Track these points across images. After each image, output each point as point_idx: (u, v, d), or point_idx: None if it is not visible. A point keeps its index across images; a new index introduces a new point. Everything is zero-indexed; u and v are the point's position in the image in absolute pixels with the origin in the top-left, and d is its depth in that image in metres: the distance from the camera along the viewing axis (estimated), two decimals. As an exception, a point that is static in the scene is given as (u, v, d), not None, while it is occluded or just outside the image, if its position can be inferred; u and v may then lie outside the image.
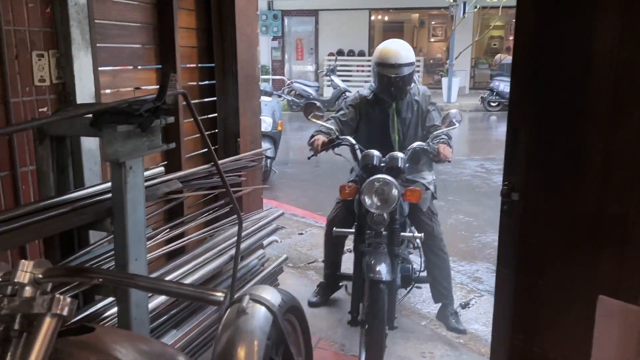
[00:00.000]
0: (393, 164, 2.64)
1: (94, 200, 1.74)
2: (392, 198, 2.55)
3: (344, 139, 2.80)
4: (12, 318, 0.87)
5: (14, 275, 0.89)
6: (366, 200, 2.57)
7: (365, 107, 3.10)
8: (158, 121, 1.71)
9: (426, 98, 3.14)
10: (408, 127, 3.09)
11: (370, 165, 2.65)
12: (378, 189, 2.56)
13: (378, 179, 2.55)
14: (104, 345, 1.01)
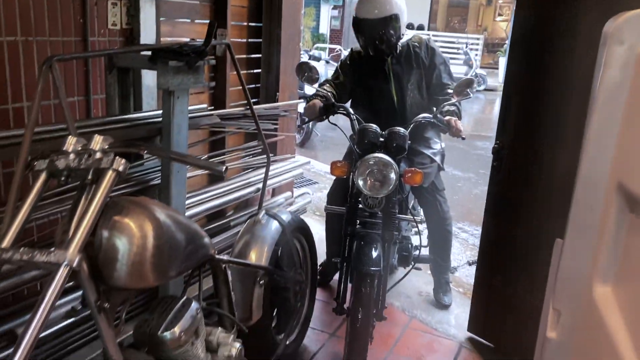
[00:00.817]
0: (392, 141, 2.30)
1: (148, 121, 2.18)
2: (388, 181, 2.23)
3: (339, 107, 2.49)
4: (86, 172, 1.32)
5: (89, 145, 1.33)
6: (359, 181, 2.24)
7: (358, 64, 2.84)
8: (202, 62, 2.13)
9: (429, 50, 2.79)
10: (407, 84, 2.78)
11: (367, 141, 2.31)
12: (373, 170, 2.24)
13: (374, 158, 2.23)
14: (146, 204, 1.45)
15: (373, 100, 2.81)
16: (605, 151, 0.68)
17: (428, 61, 2.79)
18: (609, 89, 0.67)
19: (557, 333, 0.77)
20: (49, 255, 1.18)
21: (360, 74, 2.85)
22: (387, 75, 2.78)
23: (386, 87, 2.80)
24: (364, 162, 2.25)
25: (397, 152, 2.31)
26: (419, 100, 2.82)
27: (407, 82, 2.78)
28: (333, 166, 2.40)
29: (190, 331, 1.65)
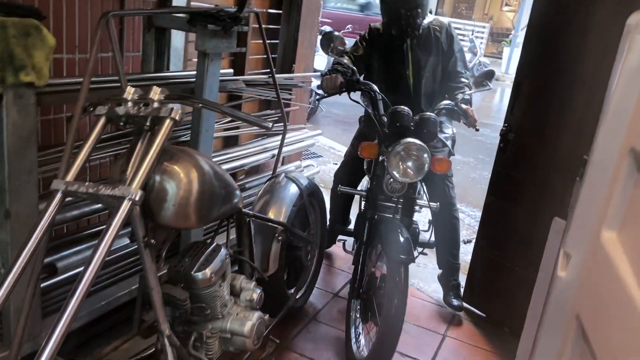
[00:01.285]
0: (424, 127, 2.22)
1: (183, 80, 2.31)
2: (422, 167, 2.19)
3: (365, 84, 2.40)
4: (145, 119, 1.45)
5: (148, 94, 1.46)
6: (393, 167, 2.17)
7: (377, 41, 2.78)
8: (236, 28, 2.25)
9: (449, 36, 2.77)
10: (424, 67, 2.74)
11: (400, 125, 2.21)
12: (407, 155, 2.18)
13: (408, 142, 2.16)
14: (192, 153, 1.60)
15: (388, 81, 2.73)
16: (622, 122, 0.82)
17: (447, 47, 2.75)
18: (629, 71, 0.81)
19: (566, 273, 0.92)
20: (114, 190, 1.32)
21: (378, 52, 2.78)
22: (405, 57, 2.72)
23: (403, 69, 2.73)
24: (398, 147, 2.16)
25: (428, 137, 2.23)
26: (433, 86, 2.79)
27: (425, 66, 2.73)
28: (363, 147, 2.30)
29: (219, 274, 1.81)
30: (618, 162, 0.83)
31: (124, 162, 1.49)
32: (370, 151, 2.30)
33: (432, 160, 2.21)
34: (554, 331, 0.93)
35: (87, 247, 2.13)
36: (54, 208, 1.37)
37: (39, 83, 1.54)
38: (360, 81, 2.42)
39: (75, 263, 2.02)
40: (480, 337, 2.78)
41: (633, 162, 0.80)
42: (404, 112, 2.23)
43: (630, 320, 0.68)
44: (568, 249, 0.91)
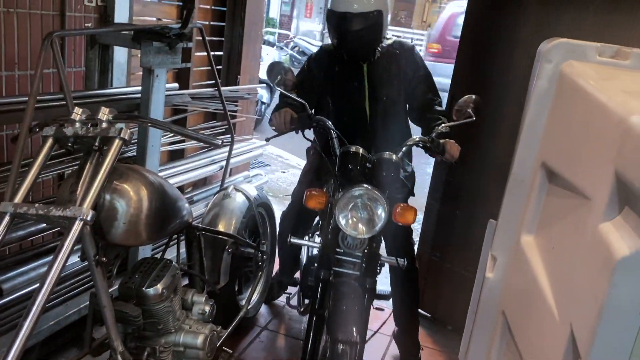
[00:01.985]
0: (382, 170, 1.88)
1: (127, 97, 2.32)
2: (376, 220, 1.83)
3: (319, 121, 2.03)
4: (93, 139, 1.47)
5: (97, 115, 1.48)
6: (341, 220, 1.83)
7: (327, 66, 2.37)
8: (181, 44, 2.28)
9: (412, 61, 2.36)
10: (383, 98, 2.34)
11: (352, 168, 1.87)
12: (358, 205, 1.85)
13: (359, 190, 1.82)
14: (141, 171, 1.63)
15: (341, 112, 2.34)
16: (535, 139, 0.94)
17: (411, 73, 2.35)
18: (539, 94, 0.93)
19: (493, 273, 1.03)
20: (65, 211, 1.34)
21: (328, 79, 2.36)
22: (361, 84, 2.32)
23: (358, 98, 2.34)
24: (349, 198, 1.82)
25: (388, 183, 1.89)
26: (393, 120, 2.40)
27: (383, 94, 2.34)
28: (308, 195, 1.91)
29: (171, 288, 1.84)
30: (533, 174, 0.95)
31: (73, 182, 1.50)
32: (317, 201, 1.92)
33: (394, 210, 1.87)
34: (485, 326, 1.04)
35: (32, 268, 2.10)
36: (2, 230, 1.37)
37: (-19, 104, 1.53)
38: (313, 117, 2.05)
39: (21, 284, 1.99)
40: (426, 336, 2.91)
41: (545, 174, 0.91)
42: (356, 153, 1.89)
43: (543, 313, 0.78)
44: (494, 252, 1.02)
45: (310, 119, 2.05)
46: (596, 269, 0.61)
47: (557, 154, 0.85)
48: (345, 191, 1.84)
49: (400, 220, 1.88)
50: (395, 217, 1.87)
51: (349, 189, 1.83)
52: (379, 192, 1.83)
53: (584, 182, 0.71)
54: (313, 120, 2.05)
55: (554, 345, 0.71)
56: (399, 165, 1.94)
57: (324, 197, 1.94)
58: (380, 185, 1.87)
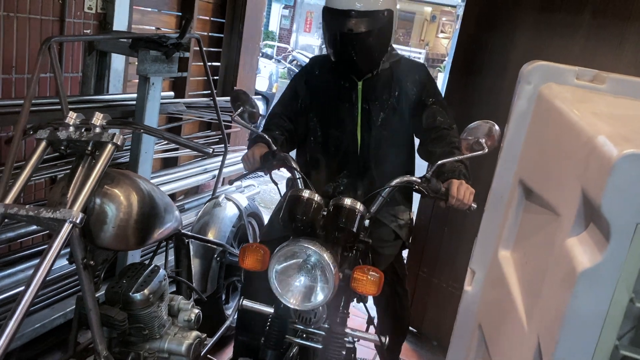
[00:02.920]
0: (337, 222, 1.45)
1: (123, 103, 2.35)
2: (320, 293, 1.43)
3: (282, 159, 1.70)
4: (86, 144, 1.50)
5: (91, 120, 1.51)
6: (273, 282, 1.45)
7: (317, 81, 2.00)
8: (178, 53, 2.32)
9: (422, 81, 1.94)
10: (379, 122, 1.92)
11: (298, 219, 1.46)
12: (302, 268, 1.44)
13: (298, 247, 1.43)
14: (132, 177, 1.65)
15: (328, 138, 1.97)
16: (513, 157, 0.97)
17: (418, 97, 1.93)
18: (518, 114, 0.96)
19: (471, 287, 1.05)
20: (56, 213, 1.35)
21: (316, 97, 1.99)
22: (354, 106, 1.92)
23: (349, 122, 1.93)
24: (282, 252, 1.44)
25: (345, 239, 1.48)
26: (391, 148, 1.97)
27: (380, 119, 1.92)
28: (244, 251, 1.53)
29: (157, 294, 1.85)
30: (511, 191, 0.98)
31: (64, 185, 1.52)
32: (254, 258, 1.52)
33: (351, 273, 1.45)
34: (463, 340, 1.06)
35: (20, 270, 2.11)
36: (-9, 231, 1.38)
37: (-23, 106, 1.55)
38: (277, 154, 1.71)
39: (9, 285, 2.00)
40: (411, 351, 2.92)
41: (522, 191, 0.94)
42: (310, 199, 1.49)
43: (515, 325, 0.81)
44: (473, 266, 1.05)
45: (273, 156, 1.71)
46: (560, 281, 0.64)
47: (533, 171, 0.89)
48: (281, 245, 1.43)
49: (359, 289, 1.45)
50: (353, 286, 1.45)
51: (287, 244, 1.43)
52: (327, 251, 1.40)
53: (555, 199, 0.74)
54: (276, 158, 1.71)
55: (523, 355, 0.74)
56: (361, 215, 1.46)
57: (266, 255, 1.50)
58: (335, 241, 1.46)
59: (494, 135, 1.48)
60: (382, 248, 1.91)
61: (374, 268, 1.44)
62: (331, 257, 1.40)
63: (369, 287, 1.45)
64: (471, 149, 1.57)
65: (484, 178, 2.57)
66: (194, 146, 1.51)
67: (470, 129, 1.58)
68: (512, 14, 2.53)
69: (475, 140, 1.56)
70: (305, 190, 1.52)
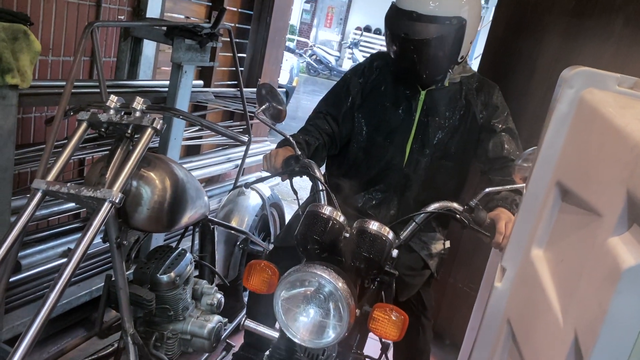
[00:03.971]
0: (361, 250, 1.27)
1: (154, 89, 2.40)
2: (331, 330, 1.25)
3: (305, 165, 1.54)
4: (126, 127, 1.54)
5: (131, 104, 1.55)
6: (279, 313, 1.27)
7: (376, 80, 1.82)
8: (211, 43, 2.36)
9: (491, 105, 1.78)
10: (433, 141, 1.75)
11: (316, 237, 1.29)
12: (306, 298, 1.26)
13: (310, 275, 1.24)
14: (168, 161, 1.69)
15: (373, 143, 1.81)
16: (552, 159, 0.99)
17: (484, 119, 1.77)
18: (559, 117, 0.98)
19: (501, 283, 1.08)
20: (96, 192, 1.40)
21: (371, 96, 1.81)
22: (410, 117, 1.75)
23: (402, 132, 1.76)
24: (292, 278, 1.25)
25: (367, 270, 1.28)
26: (442, 172, 1.79)
27: (437, 137, 1.75)
28: (250, 271, 1.36)
29: (183, 277, 1.90)
30: (547, 192, 1.00)
31: (103, 166, 1.57)
32: (261, 279, 1.34)
33: (370, 313, 1.26)
34: (489, 334, 1.09)
35: (50, 247, 2.17)
36: (33, 207, 1.43)
37: (22, 85, 1.60)
38: (301, 160, 1.56)
39: (38, 261, 2.06)
40: (423, 348, 2.95)
41: (558, 192, 0.97)
42: (330, 217, 1.31)
43: (548, 320, 0.84)
44: (504, 263, 1.07)
45: (297, 161, 1.55)
46: (602, 278, 0.66)
47: (572, 173, 0.91)
48: (293, 269, 1.24)
49: (377, 332, 1.25)
50: (371, 327, 1.25)
51: (297, 268, 1.24)
52: (344, 281, 1.20)
53: (596, 200, 0.77)
54: (300, 164, 1.54)
55: (558, 349, 0.77)
56: (391, 244, 1.28)
57: (274, 276, 1.32)
58: (355, 271, 1.27)
59: None
60: (407, 277, 1.72)
61: (398, 309, 1.23)
62: (347, 290, 1.19)
63: (389, 331, 1.24)
64: (525, 179, 1.29)
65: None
66: (231, 134, 1.55)
67: (527, 155, 1.33)
68: (542, 19, 2.54)
69: None
70: (327, 207, 1.32)
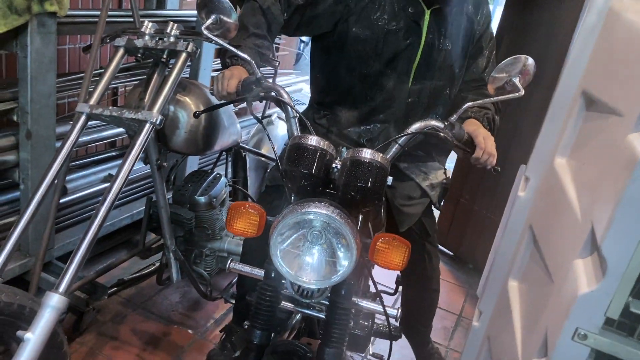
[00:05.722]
0: (354, 181, 1.13)
1: (182, 19, 2.42)
2: (336, 267, 1.14)
3: (269, 89, 1.33)
4: (162, 52, 1.59)
5: (165, 29, 1.60)
6: (278, 260, 1.14)
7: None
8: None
9: (484, 20, 1.67)
10: (444, 64, 1.60)
11: (304, 172, 1.14)
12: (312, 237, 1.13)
13: (312, 214, 1.10)
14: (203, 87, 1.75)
15: (371, 71, 1.59)
16: (579, 69, 1.02)
17: (477, 38, 1.66)
18: (587, 27, 1.00)
19: (525, 193, 1.14)
20: (137, 114, 1.47)
21: (363, 13, 1.56)
22: (416, 39, 1.56)
23: (405, 59, 1.57)
24: (289, 221, 1.11)
25: (363, 201, 1.15)
26: (446, 96, 1.67)
27: (443, 60, 1.60)
28: (233, 214, 1.20)
29: (219, 199, 2.00)
30: (572, 101, 1.04)
31: (141, 90, 1.64)
32: (247, 221, 1.19)
33: (371, 244, 1.16)
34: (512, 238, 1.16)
35: (91, 173, 2.28)
36: (78, 130, 1.52)
37: (60, 13, 1.65)
38: (263, 82, 1.33)
39: (82, 186, 2.18)
40: (447, 272, 3.06)
41: (584, 102, 1.00)
42: (317, 147, 1.15)
43: (568, 220, 0.89)
44: (528, 173, 1.12)
45: (258, 83, 1.32)
46: (619, 170, 0.71)
47: (598, 81, 0.94)
48: (286, 211, 1.11)
49: (381, 263, 1.16)
50: (372, 257, 1.16)
51: (294, 209, 1.10)
52: (344, 216, 1.09)
53: (618, 101, 0.80)
54: (262, 86, 1.32)
55: (575, 243, 0.83)
56: (386, 171, 1.16)
57: (258, 217, 1.18)
58: (352, 204, 1.14)
59: (528, 70, 1.20)
60: (406, 206, 1.69)
61: (399, 237, 1.13)
62: (350, 222, 1.09)
63: (393, 259, 1.14)
64: (503, 91, 1.25)
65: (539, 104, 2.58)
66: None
67: (501, 68, 1.25)
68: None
69: (507, 80, 1.24)
70: (312, 137, 1.16)
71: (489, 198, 2.97)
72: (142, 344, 2.04)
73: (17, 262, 1.87)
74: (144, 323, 2.15)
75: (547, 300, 0.90)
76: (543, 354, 0.86)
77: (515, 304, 1.09)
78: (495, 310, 1.23)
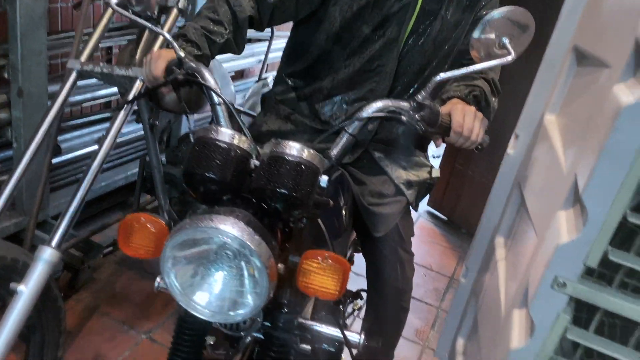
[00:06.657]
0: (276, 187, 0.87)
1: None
2: (247, 301, 0.86)
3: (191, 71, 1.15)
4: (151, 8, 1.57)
5: (156, -15, 1.57)
6: (173, 282, 0.87)
7: None
8: None
9: None
10: (436, 35, 1.31)
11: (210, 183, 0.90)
12: (205, 261, 0.87)
13: (210, 230, 0.83)
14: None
15: (355, 36, 1.33)
16: (570, 25, 1.01)
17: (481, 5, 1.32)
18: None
19: (514, 150, 1.14)
20: (128, 71, 1.46)
21: None
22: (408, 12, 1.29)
23: (396, 24, 1.30)
24: (178, 242, 0.86)
25: (287, 210, 0.90)
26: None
27: (439, 30, 1.31)
28: (123, 231, 0.93)
29: (213, 161, 2.00)
30: (563, 58, 1.03)
31: (132, 47, 1.62)
32: (140, 242, 0.93)
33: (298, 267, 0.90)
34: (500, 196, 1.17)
35: (85, 134, 2.28)
36: (69, 87, 1.51)
37: (49, -33, 1.62)
38: (185, 64, 1.15)
39: (77, 146, 2.18)
40: (440, 236, 3.10)
41: (574, 57, 0.99)
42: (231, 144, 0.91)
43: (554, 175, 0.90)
44: (518, 131, 1.13)
45: (180, 64, 1.15)
46: (604, 120, 0.71)
47: (588, 36, 0.93)
48: (180, 226, 0.86)
49: (309, 290, 0.90)
50: (298, 277, 0.90)
51: (188, 223, 0.85)
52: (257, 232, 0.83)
53: (606, 53, 0.80)
54: (186, 67, 1.14)
55: (559, 195, 0.84)
56: (316, 171, 0.91)
57: (158, 233, 0.92)
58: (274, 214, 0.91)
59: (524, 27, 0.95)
60: (376, 206, 1.39)
61: (335, 255, 0.88)
62: (261, 242, 0.82)
63: (323, 285, 0.88)
64: (489, 55, 0.99)
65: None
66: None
67: (488, 22, 0.97)
68: None
69: (498, 40, 0.97)
70: (223, 130, 0.91)
71: (484, 163, 2.97)
72: (137, 301, 2.07)
73: (12, 220, 1.88)
74: (139, 282, 2.18)
75: (530, 254, 0.92)
76: (524, 304, 0.87)
77: (501, 260, 1.11)
78: (482, 267, 1.25)
